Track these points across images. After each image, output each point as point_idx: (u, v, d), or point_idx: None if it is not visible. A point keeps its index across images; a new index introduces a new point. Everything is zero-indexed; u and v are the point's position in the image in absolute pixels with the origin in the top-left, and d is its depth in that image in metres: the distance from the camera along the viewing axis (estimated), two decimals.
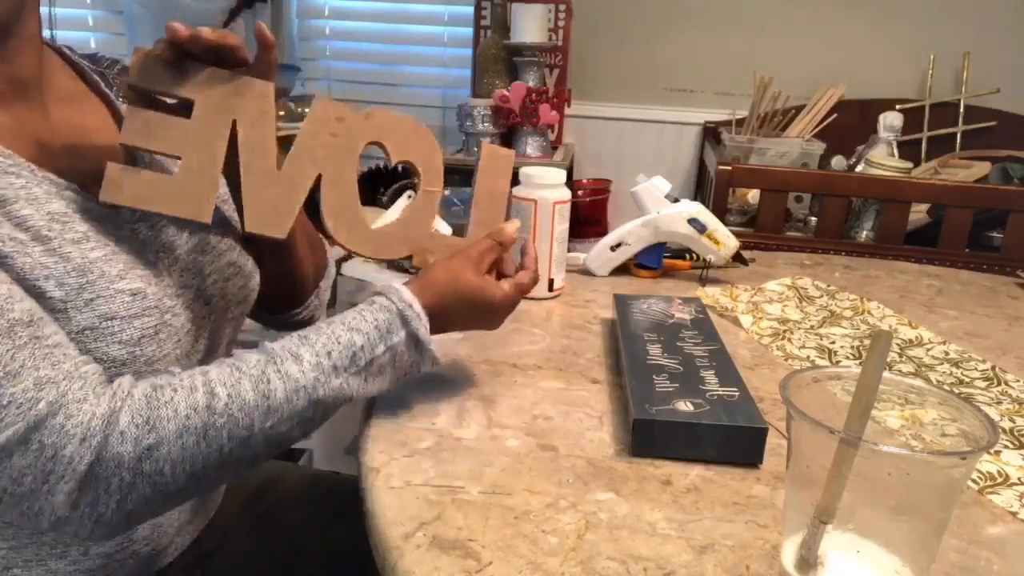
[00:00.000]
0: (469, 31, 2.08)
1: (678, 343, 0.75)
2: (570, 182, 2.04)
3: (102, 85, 0.70)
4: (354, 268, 1.44)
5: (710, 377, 0.68)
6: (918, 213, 1.61)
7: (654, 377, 0.67)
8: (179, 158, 0.60)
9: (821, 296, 1.03)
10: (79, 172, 0.63)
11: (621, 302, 0.87)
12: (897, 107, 1.87)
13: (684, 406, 0.62)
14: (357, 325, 0.62)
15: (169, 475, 0.53)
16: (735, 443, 0.60)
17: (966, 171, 1.72)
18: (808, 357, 0.83)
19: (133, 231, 0.64)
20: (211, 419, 0.54)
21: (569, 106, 2.00)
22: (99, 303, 0.56)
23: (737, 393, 0.64)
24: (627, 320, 0.81)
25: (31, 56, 0.62)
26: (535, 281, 0.73)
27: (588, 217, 2.08)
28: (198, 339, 0.66)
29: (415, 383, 0.72)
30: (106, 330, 0.56)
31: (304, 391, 0.58)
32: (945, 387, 0.73)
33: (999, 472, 0.61)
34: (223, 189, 0.77)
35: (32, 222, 0.55)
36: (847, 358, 0.84)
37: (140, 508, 0.53)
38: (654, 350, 0.73)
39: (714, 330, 0.79)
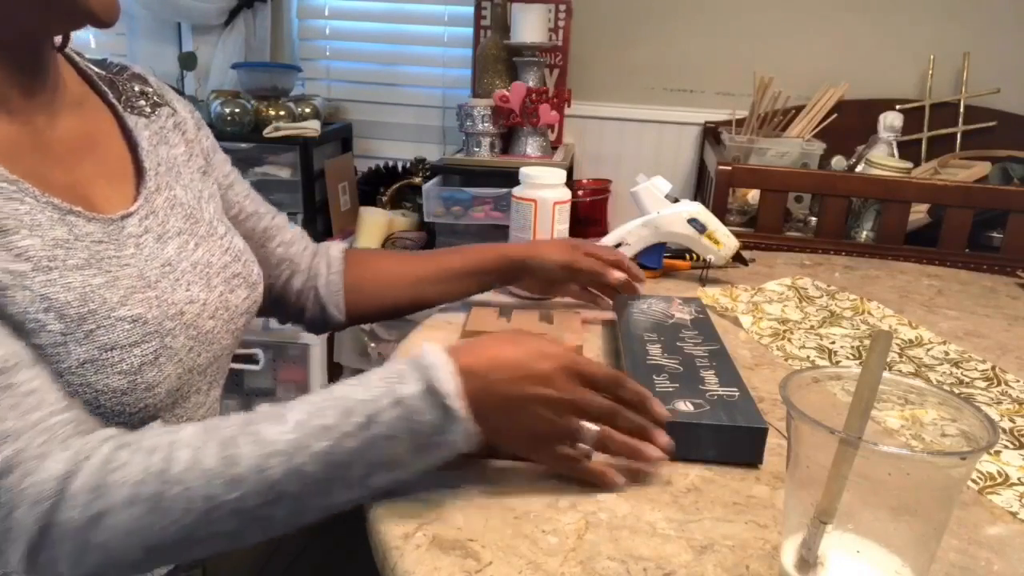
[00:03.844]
0: (469, 31, 2.08)
1: (678, 343, 0.75)
2: (570, 182, 2.04)
3: (110, 95, 0.70)
4: None
5: (710, 377, 0.68)
6: (918, 213, 1.61)
7: (654, 377, 0.67)
8: None
9: (821, 296, 1.03)
10: (84, 186, 0.63)
11: (621, 302, 0.87)
12: (897, 107, 1.87)
13: (684, 406, 0.62)
14: (363, 379, 0.54)
15: (119, 546, 0.49)
16: (735, 443, 0.60)
17: (966, 171, 1.72)
18: (808, 357, 0.83)
19: (139, 246, 0.64)
20: (164, 487, 0.49)
21: (569, 106, 2.00)
22: (99, 333, 0.56)
23: (737, 393, 0.64)
24: (627, 320, 0.81)
25: (54, 59, 0.62)
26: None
27: (588, 217, 2.08)
28: (200, 354, 0.66)
29: None
30: (106, 361, 0.56)
31: (279, 457, 0.50)
32: (945, 387, 0.73)
33: (999, 472, 0.61)
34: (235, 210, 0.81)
35: (34, 251, 0.54)
36: (847, 358, 0.84)
37: (97, 574, 0.50)
38: (654, 350, 0.73)
39: (714, 330, 0.79)
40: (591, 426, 0.56)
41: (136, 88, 0.73)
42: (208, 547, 0.51)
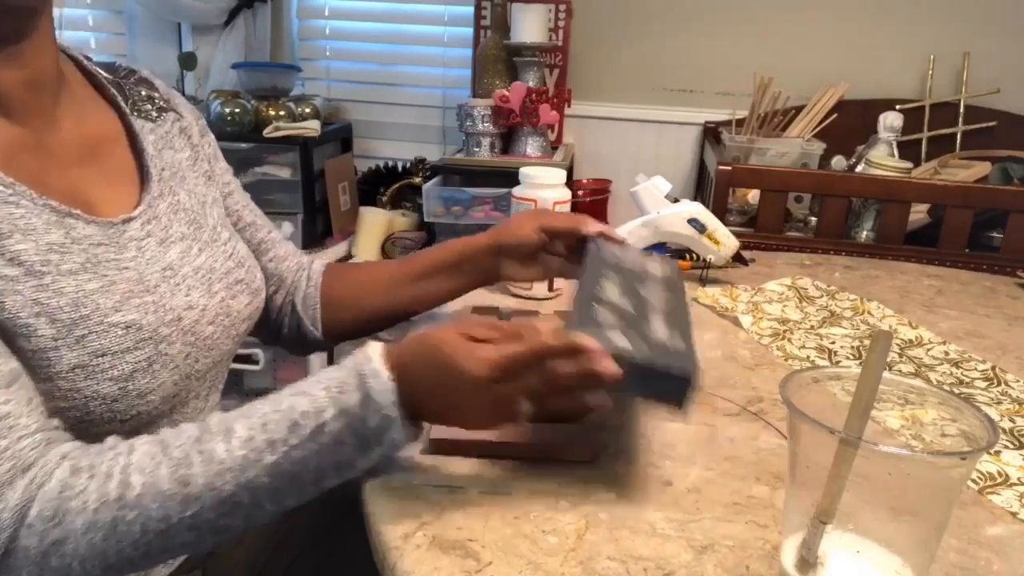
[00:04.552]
0: (469, 31, 2.08)
1: (640, 289, 0.68)
2: (570, 182, 2.04)
3: (119, 99, 0.70)
4: None
5: (659, 325, 0.61)
6: (918, 213, 1.61)
7: (595, 305, 0.61)
8: None
9: (821, 296, 1.03)
10: (84, 190, 0.62)
11: (596, 243, 0.77)
12: (897, 107, 1.87)
13: (618, 339, 0.56)
14: (307, 387, 0.55)
15: (79, 570, 0.50)
16: (660, 386, 0.55)
17: (966, 171, 1.72)
18: (808, 357, 0.83)
19: (140, 250, 0.63)
20: (121, 512, 0.50)
21: (569, 106, 2.00)
22: (91, 339, 0.55)
23: (683, 346, 0.58)
24: (594, 256, 0.74)
25: (47, 60, 0.61)
26: (531, 355, 0.53)
27: None
28: (198, 360, 0.65)
29: None
30: (97, 367, 0.55)
31: (230, 474, 0.51)
32: (945, 387, 0.73)
33: (999, 472, 0.61)
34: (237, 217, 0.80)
35: (27, 256, 0.54)
36: (847, 358, 0.83)
37: None
38: (610, 288, 0.66)
39: (682, 292, 0.72)
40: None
41: (143, 92, 0.73)
42: (167, 557, 0.53)
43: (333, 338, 0.86)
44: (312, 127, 1.93)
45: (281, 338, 0.87)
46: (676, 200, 1.05)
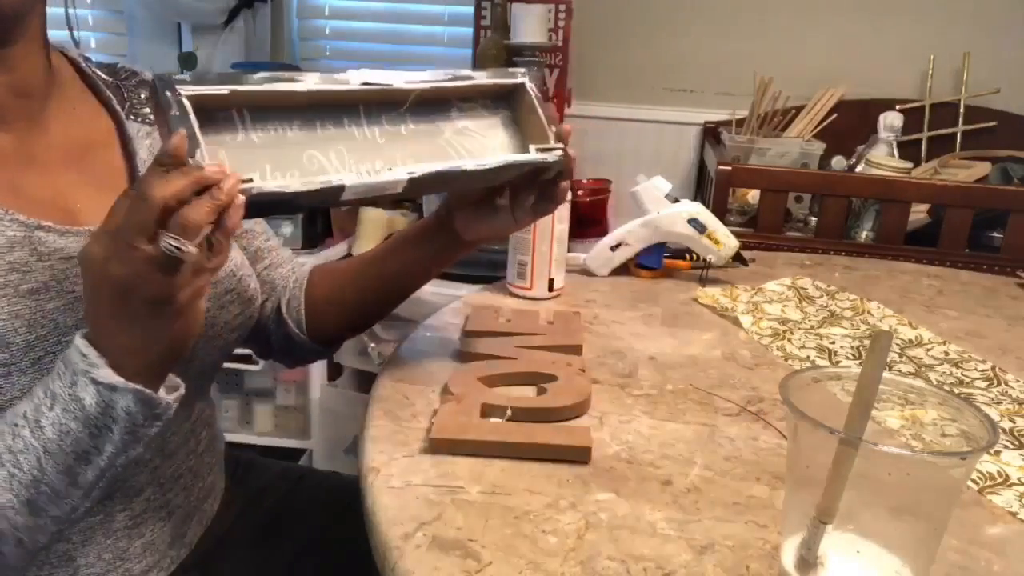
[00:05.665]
0: (469, 31, 2.08)
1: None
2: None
3: (114, 102, 0.69)
4: None
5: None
6: (918, 213, 1.61)
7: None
8: None
9: (821, 296, 1.03)
10: (67, 196, 0.61)
11: None
12: (897, 107, 1.87)
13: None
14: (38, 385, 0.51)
15: None
16: None
17: (966, 171, 1.72)
18: (808, 357, 0.83)
19: None
20: None
21: (569, 106, 2.00)
22: (47, 360, 0.54)
23: None
24: None
25: (36, 64, 0.60)
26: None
27: (588, 217, 2.08)
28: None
29: (415, 380, 0.72)
30: None
31: None
32: (945, 387, 0.73)
33: (999, 472, 0.61)
34: None
35: None
36: (847, 358, 0.84)
37: None
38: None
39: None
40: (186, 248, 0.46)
41: (143, 95, 0.72)
42: None
43: (321, 341, 0.82)
44: None
45: (271, 347, 0.84)
46: (676, 200, 1.05)
